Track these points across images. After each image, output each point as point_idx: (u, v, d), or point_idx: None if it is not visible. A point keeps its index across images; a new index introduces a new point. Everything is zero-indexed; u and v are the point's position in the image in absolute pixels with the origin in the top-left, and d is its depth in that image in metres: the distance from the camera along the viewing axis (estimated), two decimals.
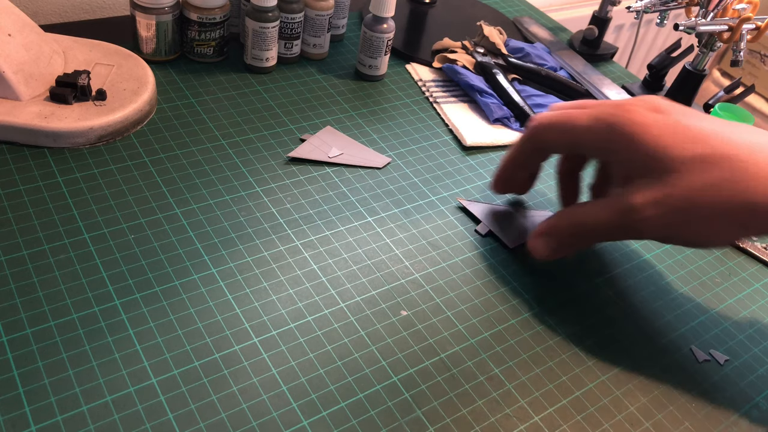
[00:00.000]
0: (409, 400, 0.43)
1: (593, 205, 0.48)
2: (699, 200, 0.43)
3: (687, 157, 0.44)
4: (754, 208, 0.42)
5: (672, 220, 0.44)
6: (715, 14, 0.78)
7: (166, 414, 0.39)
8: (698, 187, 0.43)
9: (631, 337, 0.51)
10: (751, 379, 0.50)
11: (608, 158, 0.49)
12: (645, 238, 0.47)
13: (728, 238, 0.46)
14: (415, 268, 0.52)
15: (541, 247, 0.51)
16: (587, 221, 0.48)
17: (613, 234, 0.48)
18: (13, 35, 0.56)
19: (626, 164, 0.47)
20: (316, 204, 0.56)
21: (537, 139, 0.51)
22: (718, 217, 0.43)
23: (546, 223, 0.51)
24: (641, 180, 0.45)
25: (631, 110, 0.46)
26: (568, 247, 0.50)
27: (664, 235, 0.46)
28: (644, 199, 0.45)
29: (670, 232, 0.46)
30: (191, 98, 0.63)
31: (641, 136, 0.45)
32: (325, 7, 0.70)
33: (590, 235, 0.49)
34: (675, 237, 0.46)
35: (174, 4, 0.63)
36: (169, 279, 0.47)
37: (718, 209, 0.43)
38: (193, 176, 0.55)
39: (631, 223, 0.46)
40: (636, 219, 0.45)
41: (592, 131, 0.47)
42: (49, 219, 0.49)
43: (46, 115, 0.55)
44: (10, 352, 0.41)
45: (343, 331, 0.46)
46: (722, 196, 0.43)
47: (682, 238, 0.46)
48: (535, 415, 0.44)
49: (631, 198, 0.45)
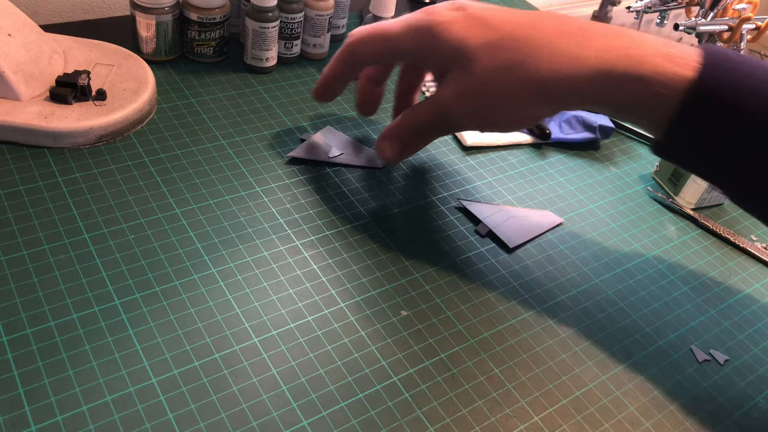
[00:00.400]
0: (409, 400, 0.43)
1: (421, 106, 0.52)
2: (494, 84, 0.46)
3: (481, 44, 0.46)
4: (543, 84, 0.45)
5: (475, 107, 0.48)
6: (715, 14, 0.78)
7: (166, 414, 0.39)
8: (492, 72, 0.46)
9: (631, 337, 0.51)
10: (751, 379, 0.50)
11: (422, 61, 0.52)
12: (459, 128, 0.51)
13: (528, 117, 0.48)
14: (415, 268, 0.52)
15: (388, 150, 0.54)
16: (418, 120, 0.52)
17: (438, 128, 0.52)
18: (13, 35, 0.56)
19: (437, 62, 0.50)
20: (316, 204, 0.56)
21: (355, 52, 0.54)
22: (513, 98, 0.46)
23: (388, 127, 0.55)
24: (449, 75, 0.49)
25: (435, 11, 0.49)
26: (411, 147, 0.54)
27: (472, 123, 0.50)
28: (450, 92, 0.48)
29: (477, 119, 0.49)
30: (191, 98, 0.63)
31: (443, 32, 0.48)
32: (325, 7, 0.70)
33: (423, 134, 0.53)
34: (482, 123, 0.50)
35: (174, 4, 0.63)
36: (169, 279, 0.47)
37: (512, 90, 0.46)
38: (193, 176, 0.55)
39: (444, 117, 0.50)
40: (447, 112, 0.49)
41: (402, 37, 0.50)
42: (49, 219, 0.49)
43: (46, 115, 0.55)
44: (10, 352, 0.41)
45: (343, 331, 0.46)
46: (514, 77, 0.45)
47: (488, 122, 0.49)
48: (535, 415, 0.44)
49: (441, 93, 0.49)
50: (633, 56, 0.43)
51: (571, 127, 0.69)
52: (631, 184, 0.66)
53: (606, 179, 0.66)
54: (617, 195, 0.64)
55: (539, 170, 0.65)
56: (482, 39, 0.46)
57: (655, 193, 0.65)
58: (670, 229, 0.62)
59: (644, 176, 0.68)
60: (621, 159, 0.69)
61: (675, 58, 0.43)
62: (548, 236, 0.58)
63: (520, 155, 0.66)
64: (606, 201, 0.63)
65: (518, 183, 0.63)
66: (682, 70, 0.42)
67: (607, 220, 0.61)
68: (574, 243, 0.58)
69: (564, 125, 0.69)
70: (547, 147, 0.68)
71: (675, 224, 0.62)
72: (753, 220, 0.65)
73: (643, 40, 0.44)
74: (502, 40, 0.46)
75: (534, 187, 0.63)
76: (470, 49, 0.46)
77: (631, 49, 0.44)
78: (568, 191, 0.63)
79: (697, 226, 0.63)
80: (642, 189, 0.66)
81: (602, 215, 0.61)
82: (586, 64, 0.44)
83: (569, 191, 0.63)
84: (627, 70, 0.43)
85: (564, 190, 0.63)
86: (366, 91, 0.59)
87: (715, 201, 0.65)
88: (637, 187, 0.66)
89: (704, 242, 0.61)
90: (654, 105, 0.43)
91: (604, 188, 0.65)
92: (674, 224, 0.62)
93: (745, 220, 0.65)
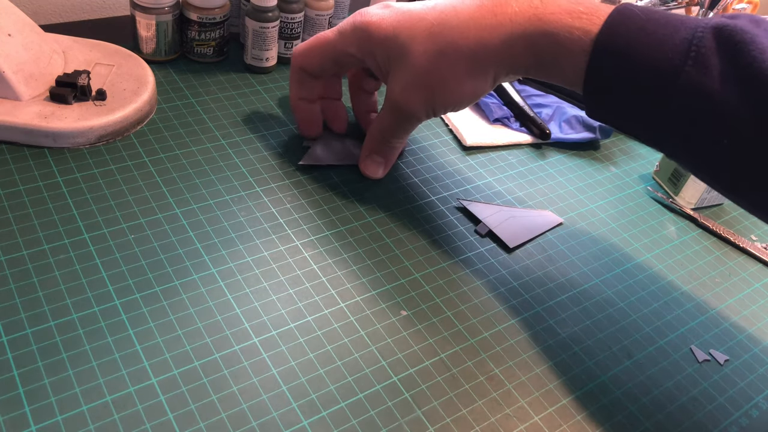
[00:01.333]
0: (409, 400, 0.43)
1: (381, 114, 0.55)
2: (432, 70, 0.49)
3: (413, 36, 0.49)
4: (472, 58, 0.47)
5: (423, 95, 0.50)
6: (715, 14, 0.78)
7: (166, 414, 0.39)
8: (427, 59, 0.48)
9: (631, 337, 0.51)
10: (751, 379, 0.50)
11: (363, 62, 0.53)
12: (421, 117, 0.53)
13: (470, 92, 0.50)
14: (415, 268, 0.52)
15: (372, 168, 0.58)
16: (383, 128, 0.55)
17: (402, 126, 0.54)
18: (13, 35, 0.56)
19: (378, 62, 0.52)
20: (316, 204, 0.56)
21: (301, 65, 0.56)
22: (452, 78, 0.49)
23: (364, 147, 0.58)
24: (391, 72, 0.51)
25: (366, 12, 0.52)
26: (389, 155, 0.58)
27: (430, 109, 0.51)
28: (398, 88, 0.51)
29: (433, 105, 0.51)
30: (191, 98, 0.63)
31: (376, 31, 0.50)
32: (325, 7, 0.70)
33: (393, 138, 0.56)
34: (439, 106, 0.51)
35: (174, 4, 0.63)
36: (169, 279, 0.47)
37: (448, 71, 0.48)
38: (193, 176, 0.55)
39: (401, 113, 0.52)
40: (401, 107, 0.51)
41: (340, 42, 0.53)
42: (49, 219, 0.49)
43: (46, 115, 0.55)
44: (10, 352, 0.41)
45: (343, 331, 0.46)
46: (447, 59, 0.48)
47: (439, 105, 0.51)
48: (535, 415, 0.44)
49: (390, 91, 0.52)
50: (540, 15, 0.45)
51: (571, 127, 0.69)
52: (631, 184, 0.66)
53: (606, 179, 0.66)
54: (617, 195, 0.64)
55: (539, 170, 0.65)
56: (412, 31, 0.49)
57: (655, 193, 0.65)
58: (670, 229, 0.62)
59: (644, 176, 0.68)
60: (621, 159, 0.69)
61: (580, 15, 0.44)
62: (548, 236, 0.58)
63: (520, 155, 0.66)
64: (606, 201, 0.63)
65: (518, 183, 0.63)
66: (586, 25, 0.44)
67: (607, 220, 0.61)
68: (574, 243, 0.58)
69: (564, 125, 0.69)
70: (547, 147, 0.68)
71: (675, 224, 0.62)
72: (753, 220, 0.65)
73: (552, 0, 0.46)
74: (432, 28, 0.48)
75: (534, 187, 0.63)
76: (404, 43, 0.49)
77: (539, 8, 0.46)
78: (568, 191, 0.63)
79: (697, 226, 0.63)
80: (642, 189, 0.66)
81: (602, 215, 0.61)
82: (503, 31, 0.46)
83: (569, 191, 0.63)
84: (536, 30, 0.45)
85: (564, 190, 0.63)
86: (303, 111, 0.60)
87: (715, 201, 0.65)
88: (637, 187, 0.66)
89: (704, 242, 0.61)
90: (565, 61, 0.45)
91: (604, 188, 0.65)
92: (674, 224, 0.62)
93: (745, 220, 0.65)
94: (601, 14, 0.44)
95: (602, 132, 0.69)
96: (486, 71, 0.48)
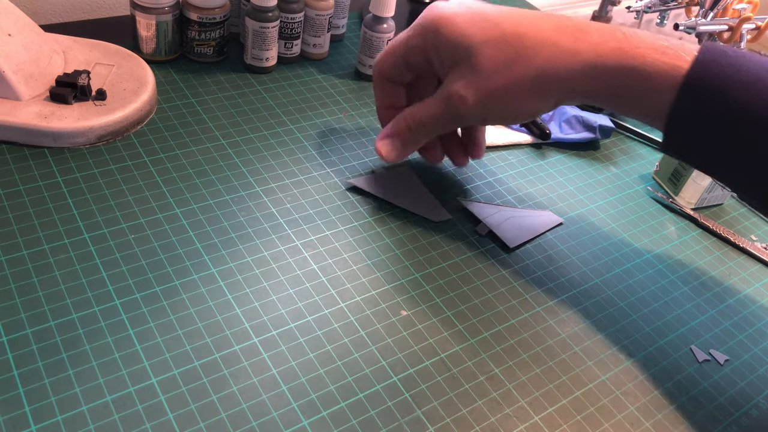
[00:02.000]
0: (409, 400, 0.43)
1: (425, 102, 0.53)
2: (497, 78, 0.48)
3: (484, 39, 0.48)
4: (541, 78, 0.47)
5: (483, 100, 0.49)
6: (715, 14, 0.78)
7: (166, 414, 0.39)
8: (495, 67, 0.48)
9: (631, 337, 0.51)
10: (751, 379, 0.50)
11: (429, 57, 0.52)
12: (468, 121, 0.53)
13: (529, 110, 0.50)
14: (415, 268, 0.52)
15: (387, 149, 0.55)
16: (422, 116, 0.53)
17: (445, 123, 0.53)
18: (13, 35, 0.56)
19: (442, 57, 0.51)
20: (316, 204, 0.56)
21: (380, 71, 0.56)
22: (514, 92, 0.48)
23: (388, 126, 0.55)
24: (455, 69, 0.50)
25: (438, 7, 0.51)
26: (411, 145, 0.55)
27: (479, 115, 0.51)
28: (459, 86, 0.49)
29: (486, 112, 0.50)
30: (191, 98, 0.63)
31: (446, 28, 0.50)
32: (325, 7, 0.70)
33: (427, 129, 0.54)
34: (491, 116, 0.51)
35: (174, 4, 0.63)
36: (169, 279, 0.47)
37: (512, 85, 0.48)
38: (193, 176, 0.55)
39: (454, 110, 0.50)
40: (456, 105, 0.50)
41: (411, 37, 0.53)
42: (49, 219, 0.49)
43: (46, 115, 0.55)
44: (10, 352, 0.41)
45: (343, 331, 0.46)
46: (514, 72, 0.47)
47: (493, 114, 0.51)
48: (535, 415, 0.44)
49: (449, 87, 0.50)
50: (625, 49, 0.45)
51: (571, 127, 0.69)
52: (631, 184, 0.66)
53: (606, 179, 0.66)
54: (617, 195, 0.64)
55: (539, 170, 0.65)
56: (485, 35, 0.48)
57: (655, 193, 0.65)
58: (670, 229, 0.62)
59: (644, 176, 0.68)
60: (621, 159, 0.69)
61: (666, 50, 0.44)
62: (548, 236, 0.58)
63: (520, 155, 0.66)
64: (606, 201, 0.63)
65: (518, 183, 0.63)
66: (673, 61, 0.44)
67: (607, 220, 0.61)
68: (574, 243, 0.58)
69: (564, 125, 0.69)
70: (547, 147, 0.68)
71: (675, 224, 0.62)
72: (753, 220, 0.65)
73: (635, 34, 0.46)
74: (504, 37, 0.48)
75: (534, 187, 0.63)
76: (474, 44, 0.48)
77: (623, 42, 0.45)
78: (568, 191, 0.63)
79: (697, 226, 0.63)
80: (642, 189, 0.66)
81: (602, 215, 0.61)
82: (581, 58, 0.46)
83: (569, 191, 0.63)
84: (619, 62, 0.45)
85: (564, 190, 0.63)
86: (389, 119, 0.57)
87: (715, 201, 0.65)
88: (637, 187, 0.66)
89: (704, 242, 0.61)
90: (647, 96, 0.45)
91: (604, 188, 0.65)
92: (674, 224, 0.62)
93: (745, 220, 0.65)
94: (688, 51, 0.44)
95: (602, 132, 0.69)
96: (551, 93, 0.48)
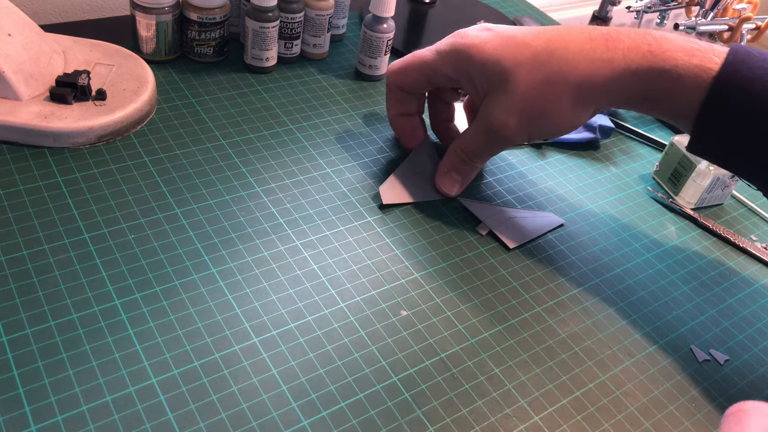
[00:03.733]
0: (409, 400, 0.43)
1: (469, 133, 0.55)
2: (536, 98, 0.49)
3: (518, 62, 0.49)
4: (579, 89, 0.48)
5: (525, 121, 0.50)
6: (715, 14, 0.79)
7: (166, 414, 0.39)
8: (532, 87, 0.49)
9: (631, 337, 0.51)
10: (751, 379, 0.50)
11: (459, 83, 0.54)
12: (514, 142, 0.53)
13: (571, 122, 0.51)
14: (415, 268, 0.52)
15: (449, 184, 0.57)
16: (470, 147, 0.55)
17: (492, 148, 0.55)
18: (13, 35, 0.56)
19: (476, 84, 0.52)
20: (316, 204, 0.56)
21: (397, 84, 0.57)
22: (555, 108, 0.49)
23: (443, 163, 0.57)
24: (491, 95, 0.51)
25: (467, 34, 0.52)
26: (469, 175, 0.57)
27: (526, 135, 0.51)
28: (496, 112, 0.50)
29: (530, 131, 0.51)
30: (191, 98, 0.63)
31: (478, 54, 0.50)
32: (325, 7, 0.70)
33: (477, 157, 0.56)
34: (535, 134, 0.52)
35: (174, 4, 0.63)
36: (169, 279, 0.47)
37: (553, 101, 0.49)
38: (193, 176, 0.55)
39: (498, 137, 0.52)
40: (497, 130, 0.51)
41: (437, 62, 0.53)
42: (49, 219, 0.49)
43: (46, 115, 0.55)
44: (10, 352, 0.41)
45: (343, 331, 0.46)
46: (553, 89, 0.48)
47: (535, 133, 0.52)
48: (535, 415, 0.44)
49: (487, 114, 0.51)
50: (655, 52, 0.46)
51: None
52: (631, 184, 0.66)
53: (606, 179, 0.66)
54: (617, 195, 0.64)
55: (539, 170, 0.65)
56: (518, 58, 0.49)
57: (655, 193, 0.65)
58: (670, 229, 0.62)
59: (644, 176, 0.68)
60: (621, 159, 0.69)
61: (695, 52, 0.45)
62: (548, 236, 0.58)
63: (520, 155, 0.66)
64: (606, 201, 0.63)
65: (518, 183, 0.63)
66: (703, 63, 0.45)
67: (607, 220, 0.61)
68: (574, 243, 0.58)
69: None
70: (547, 147, 0.68)
71: (675, 224, 0.62)
72: (753, 220, 0.65)
73: (665, 37, 0.47)
74: (537, 56, 0.48)
75: (534, 187, 0.63)
76: (508, 68, 0.49)
77: (653, 45, 0.46)
78: (568, 191, 0.63)
79: (697, 226, 0.63)
80: (642, 189, 0.66)
81: (602, 215, 0.61)
82: (615, 66, 0.47)
83: (569, 191, 0.63)
84: (650, 66, 0.46)
85: (564, 190, 0.63)
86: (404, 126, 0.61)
87: (715, 201, 0.65)
88: (637, 187, 0.66)
89: (704, 242, 0.61)
90: (677, 98, 0.46)
91: (604, 188, 0.65)
92: (674, 224, 0.62)
93: (745, 220, 0.65)
94: (717, 52, 0.45)
95: (602, 132, 0.69)
96: (590, 103, 0.49)
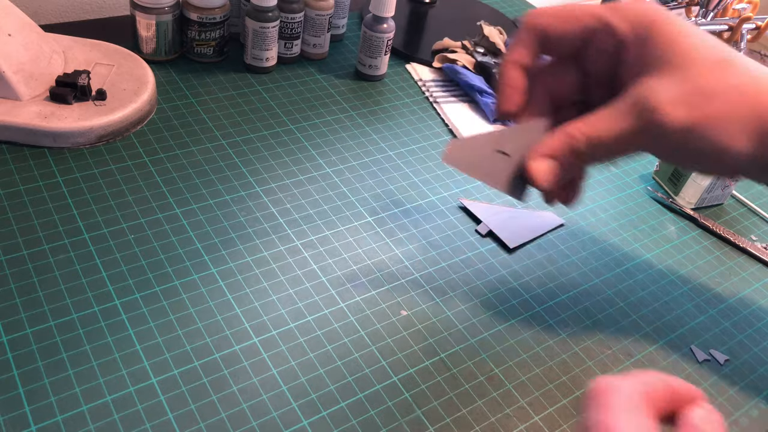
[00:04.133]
0: (409, 400, 0.43)
1: (601, 115, 0.42)
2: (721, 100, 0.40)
3: (709, 57, 0.41)
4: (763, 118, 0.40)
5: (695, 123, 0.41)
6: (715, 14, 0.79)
7: (166, 414, 0.39)
8: (722, 89, 0.41)
9: (631, 337, 0.51)
10: (751, 379, 0.50)
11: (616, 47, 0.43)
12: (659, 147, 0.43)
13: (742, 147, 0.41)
14: (415, 268, 0.52)
15: (544, 173, 0.43)
16: (599, 132, 0.42)
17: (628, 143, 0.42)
18: (13, 35, 0.56)
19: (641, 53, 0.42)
20: (316, 204, 0.56)
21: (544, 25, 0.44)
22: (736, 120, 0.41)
23: (550, 143, 0.43)
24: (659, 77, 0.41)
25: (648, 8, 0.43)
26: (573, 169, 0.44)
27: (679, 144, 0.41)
28: (667, 96, 0.40)
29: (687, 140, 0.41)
30: (191, 98, 0.63)
31: (663, 26, 0.41)
32: (325, 7, 0.70)
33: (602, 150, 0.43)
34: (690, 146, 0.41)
35: (174, 4, 0.63)
36: (169, 279, 0.47)
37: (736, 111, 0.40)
38: (193, 176, 0.55)
39: (652, 127, 0.41)
40: (655, 121, 0.41)
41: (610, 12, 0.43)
42: (49, 219, 0.49)
43: (46, 115, 0.55)
44: (10, 352, 0.41)
45: (343, 331, 0.46)
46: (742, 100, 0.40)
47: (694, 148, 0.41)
48: (535, 415, 0.44)
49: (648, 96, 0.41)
50: None
51: None
52: (631, 184, 0.66)
53: (606, 179, 0.66)
54: (617, 195, 0.64)
55: None
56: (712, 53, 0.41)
57: (655, 193, 0.65)
58: (670, 229, 0.62)
59: (644, 176, 0.68)
60: (621, 159, 0.69)
61: None
62: (548, 236, 0.58)
63: None
64: (606, 201, 0.63)
65: None
66: None
67: (607, 220, 0.61)
68: (574, 243, 0.58)
69: None
70: None
71: (675, 224, 0.62)
72: (753, 220, 0.65)
73: None
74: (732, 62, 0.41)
75: None
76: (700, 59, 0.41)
77: None
78: None
79: (697, 226, 0.63)
80: (642, 189, 0.66)
81: (602, 215, 0.61)
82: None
83: None
84: None
85: None
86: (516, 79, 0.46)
87: (715, 201, 0.65)
88: (637, 187, 0.66)
89: (704, 242, 0.61)
90: None
91: (604, 188, 0.65)
92: (674, 224, 0.62)
93: (745, 220, 0.65)
94: None
95: None
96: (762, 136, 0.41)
